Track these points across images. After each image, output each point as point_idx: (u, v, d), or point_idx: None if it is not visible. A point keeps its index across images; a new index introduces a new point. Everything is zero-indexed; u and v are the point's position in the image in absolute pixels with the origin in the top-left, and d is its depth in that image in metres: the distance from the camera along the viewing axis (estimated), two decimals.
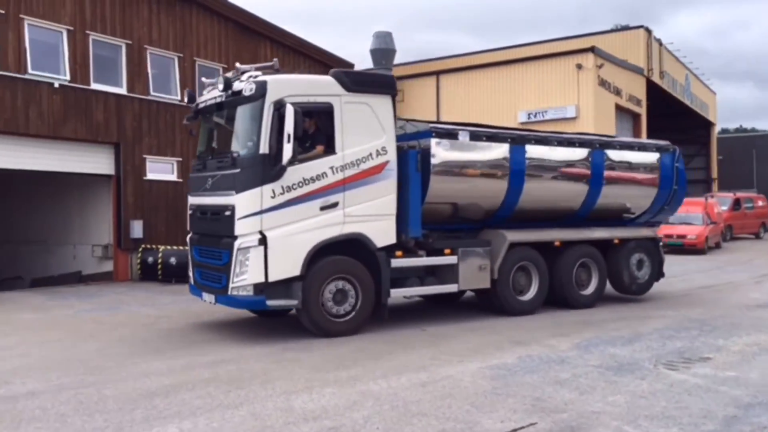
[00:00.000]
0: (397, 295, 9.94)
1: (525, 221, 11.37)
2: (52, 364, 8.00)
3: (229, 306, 9.30)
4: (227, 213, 8.91)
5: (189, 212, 10.25)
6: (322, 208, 9.08)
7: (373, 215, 9.45)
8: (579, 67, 30.61)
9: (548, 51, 33.44)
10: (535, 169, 11.07)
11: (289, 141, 8.57)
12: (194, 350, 8.60)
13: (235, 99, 9.08)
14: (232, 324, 10.45)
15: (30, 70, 16.03)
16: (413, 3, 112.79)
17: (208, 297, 9.46)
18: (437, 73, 35.41)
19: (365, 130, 9.41)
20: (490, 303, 10.87)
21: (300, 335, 9.27)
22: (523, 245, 10.97)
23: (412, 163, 9.80)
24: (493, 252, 10.61)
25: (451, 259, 10.25)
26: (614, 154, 12.12)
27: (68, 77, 16.93)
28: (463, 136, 10.41)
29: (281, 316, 10.35)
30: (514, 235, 10.86)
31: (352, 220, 9.27)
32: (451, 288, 10.36)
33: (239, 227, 8.73)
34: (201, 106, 9.91)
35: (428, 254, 10.02)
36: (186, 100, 9.97)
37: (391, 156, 9.64)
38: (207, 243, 9.55)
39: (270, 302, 8.81)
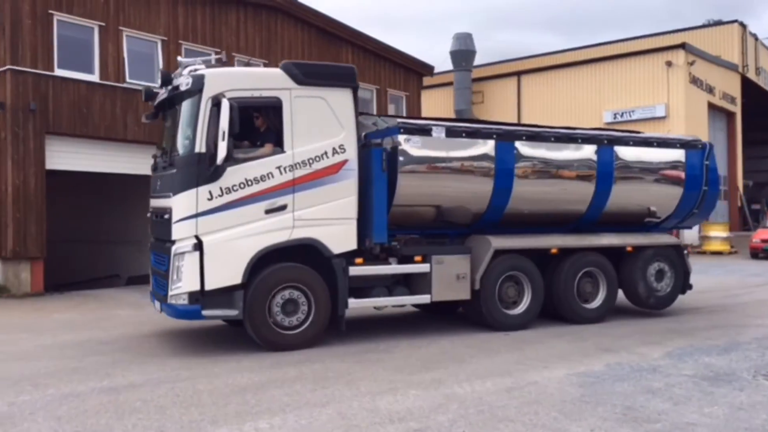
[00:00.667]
0: (357, 306, 9.11)
1: (522, 226, 10.33)
2: (148, 358, 8.25)
3: (169, 315, 8.66)
4: (166, 216, 8.45)
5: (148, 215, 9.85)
6: (268, 212, 8.38)
7: (329, 219, 8.68)
8: (669, 64, 29.36)
9: (635, 48, 32.32)
10: (528, 168, 10.00)
11: (223, 139, 7.98)
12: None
13: (177, 95, 8.61)
14: None
15: (128, 79, 16.91)
16: (492, 3, 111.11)
17: (157, 304, 8.98)
18: (518, 74, 34.72)
19: (320, 126, 8.66)
20: (474, 316, 9.94)
21: (381, 336, 9.28)
22: (512, 253, 9.93)
23: (377, 163, 8.93)
24: (475, 260, 9.64)
25: (423, 267, 9.30)
26: (627, 152, 10.79)
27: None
28: (438, 132, 9.43)
29: None
30: (500, 242, 9.83)
31: (303, 224, 8.54)
32: (423, 299, 9.43)
33: (176, 231, 8.22)
34: (156, 102, 9.45)
35: (398, 262, 9.22)
36: (160, 83, 9.21)
37: (351, 155, 8.83)
38: (157, 248, 9.15)
39: (206, 312, 8.19)
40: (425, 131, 9.39)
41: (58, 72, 15.87)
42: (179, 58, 9.17)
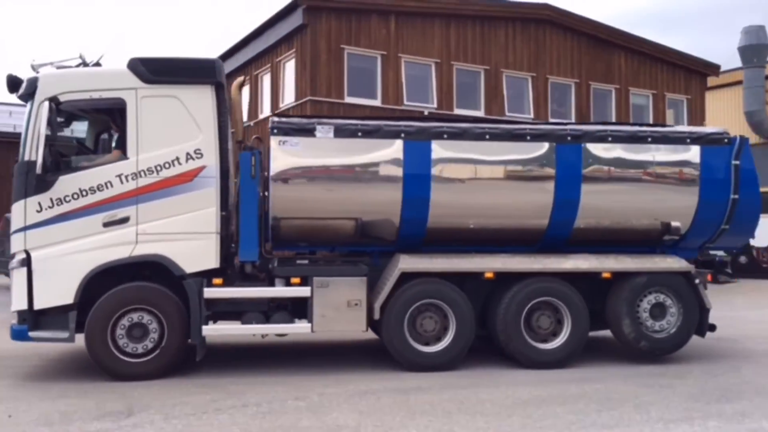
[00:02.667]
0: (213, 333, 7.88)
1: (471, 244, 8.39)
2: None
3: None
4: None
5: None
6: (107, 224, 7.44)
7: (181, 233, 7.53)
8: None
9: None
10: (452, 173, 8.03)
11: (44, 145, 7.19)
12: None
13: (22, 99, 7.82)
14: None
15: (405, 102, 18.68)
16: None
17: None
18: None
19: (172, 129, 7.57)
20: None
21: (671, 361, 8.47)
22: (428, 276, 8.01)
23: (245, 169, 7.75)
24: (377, 284, 7.98)
25: (302, 291, 7.78)
26: (603, 150, 8.28)
27: (435, 105, 19.40)
28: (324, 132, 7.83)
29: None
30: (410, 262, 7.96)
31: (148, 238, 7.48)
32: (302, 329, 7.85)
33: (12, 245, 7.55)
34: None
35: (285, 284, 7.82)
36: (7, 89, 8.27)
37: (209, 160, 7.63)
38: None
39: (33, 334, 7.37)
40: (307, 131, 7.86)
41: (348, 99, 17.97)
42: (32, 61, 8.21)
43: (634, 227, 8.60)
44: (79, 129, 8.76)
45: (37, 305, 7.40)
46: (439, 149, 8.03)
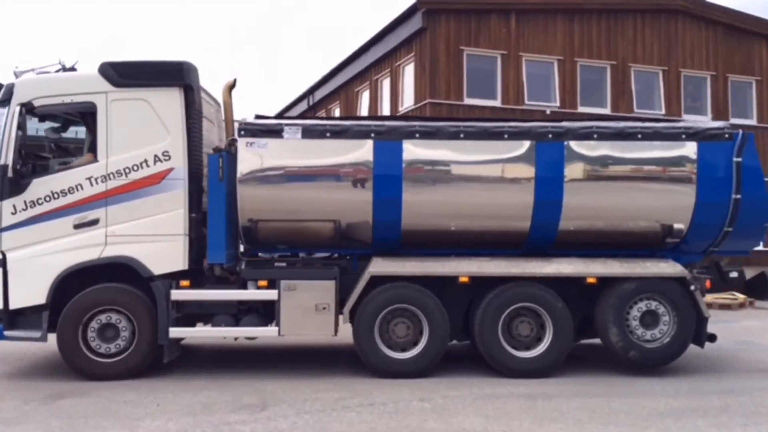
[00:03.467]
0: (180, 335, 7.87)
1: (453, 247, 8.10)
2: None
3: None
4: None
5: None
6: (77, 226, 7.54)
7: (149, 235, 7.58)
8: None
9: None
10: (424, 173, 7.72)
11: (12, 149, 7.36)
12: (700, 375, 8.01)
13: (0, 105, 7.91)
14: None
15: (526, 101, 18.40)
16: None
17: None
18: None
19: (141, 132, 7.61)
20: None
21: None
22: (400, 280, 7.73)
23: (213, 171, 7.72)
24: (345, 287, 7.76)
25: (269, 294, 7.68)
26: (587, 148, 7.80)
27: (558, 104, 19.02)
28: (291, 133, 7.67)
29: None
30: (381, 266, 7.72)
31: (117, 240, 7.55)
32: (269, 332, 7.73)
33: None
34: None
35: (257, 287, 7.75)
36: None
37: (177, 162, 7.63)
38: None
39: (8, 333, 7.54)
40: (274, 132, 7.71)
41: (467, 101, 17.90)
42: (14, 69, 8.40)
43: (629, 230, 8.06)
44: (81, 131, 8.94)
45: (12, 305, 7.55)
46: (411, 149, 7.74)
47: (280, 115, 27.71)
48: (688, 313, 7.83)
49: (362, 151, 7.73)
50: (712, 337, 8.11)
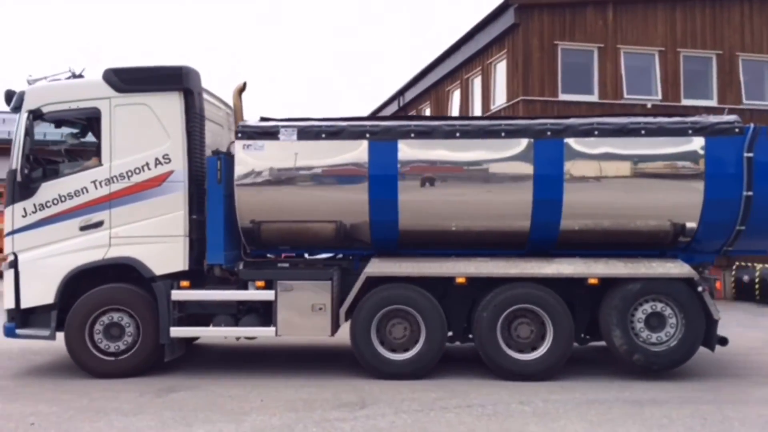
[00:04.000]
0: (181, 335, 7.93)
1: (454, 247, 8.02)
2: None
3: None
4: None
5: None
6: (83, 228, 7.79)
7: (151, 236, 7.76)
8: None
9: None
10: (420, 173, 7.64)
11: (21, 154, 7.71)
12: None
13: (13, 111, 8.24)
14: None
15: (625, 95, 17.81)
16: None
17: None
18: None
19: (143, 135, 7.79)
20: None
21: None
22: (397, 281, 7.69)
23: (211, 174, 7.81)
24: (343, 289, 7.78)
25: (266, 295, 7.73)
26: (589, 145, 7.57)
27: (660, 96, 18.23)
28: (287, 135, 7.72)
29: None
30: (378, 266, 7.69)
31: (121, 242, 7.76)
32: (266, 332, 7.79)
33: (5, 247, 8.06)
34: None
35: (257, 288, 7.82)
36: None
37: (177, 165, 7.78)
38: None
39: (19, 331, 7.84)
40: (271, 134, 7.79)
41: (562, 97, 17.47)
42: (28, 77, 8.74)
43: (636, 229, 7.79)
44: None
45: (23, 304, 7.85)
46: (406, 149, 7.68)
47: (373, 115, 27.85)
48: (696, 315, 7.52)
49: (358, 151, 7.71)
50: (723, 341, 7.76)
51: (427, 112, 24.04)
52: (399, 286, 7.74)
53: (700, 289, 7.45)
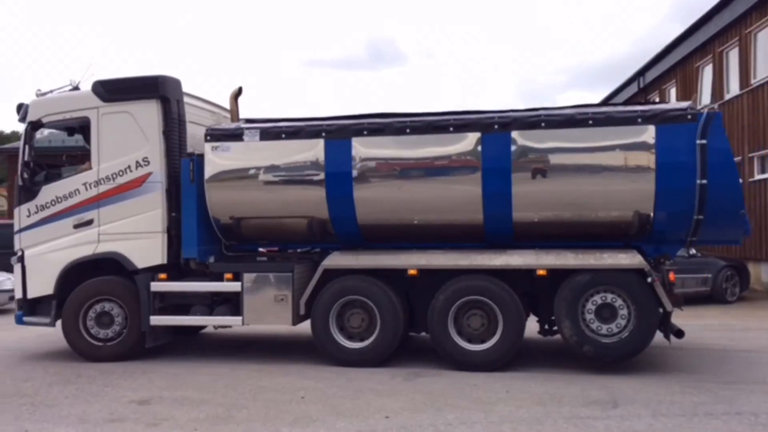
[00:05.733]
0: (159, 323, 8.51)
1: (412, 240, 8.23)
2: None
3: None
4: None
5: None
6: (76, 226, 8.59)
7: (133, 233, 8.46)
8: None
9: None
10: (373, 169, 7.93)
11: (22, 161, 8.66)
12: None
13: (21, 122, 9.15)
14: None
15: None
16: None
17: None
18: None
19: (125, 141, 8.49)
20: None
21: None
22: (355, 273, 7.98)
23: (184, 174, 8.40)
24: (303, 280, 8.15)
25: (233, 286, 8.24)
26: (535, 137, 7.57)
27: None
28: (250, 136, 8.19)
29: None
30: (335, 259, 8.04)
31: (107, 238, 8.52)
32: (234, 321, 8.34)
33: (15, 244, 8.98)
34: None
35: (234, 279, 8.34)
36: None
37: (155, 167, 8.43)
38: None
39: (26, 319, 8.78)
40: (236, 136, 8.26)
41: None
42: (36, 91, 9.75)
43: (596, 220, 7.71)
44: None
45: (29, 295, 8.75)
46: (359, 147, 7.95)
47: (607, 101, 27.27)
48: (648, 306, 7.38)
49: (315, 150, 8.06)
50: (680, 332, 7.61)
51: (672, 93, 22.53)
52: (355, 278, 8.04)
53: (649, 279, 7.33)
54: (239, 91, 9.37)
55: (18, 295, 8.88)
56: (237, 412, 6.23)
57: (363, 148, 8.01)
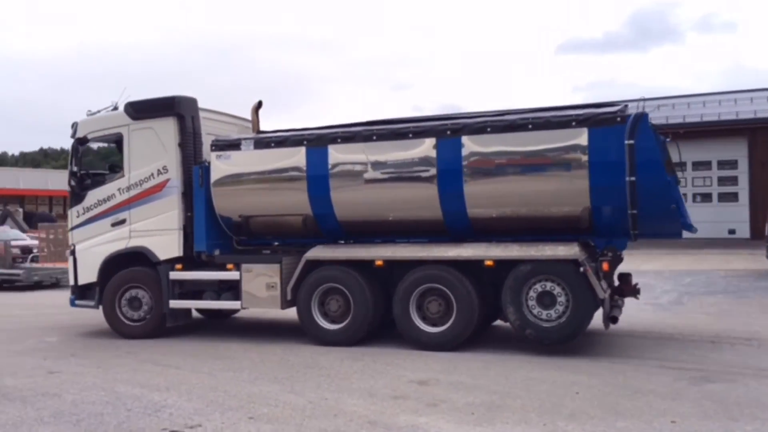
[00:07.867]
0: (177, 306, 9.97)
1: (390, 235, 9.33)
2: None
3: None
4: None
5: None
6: (113, 225, 10.17)
7: (156, 230, 9.93)
8: None
9: None
10: (346, 174, 9.03)
11: (71, 171, 10.34)
12: None
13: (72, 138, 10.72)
14: None
15: None
16: None
17: None
18: None
19: (150, 152, 9.97)
20: None
21: None
22: (334, 264, 9.12)
23: (195, 179, 9.78)
24: (288, 270, 9.31)
25: (233, 275, 9.52)
26: (482, 142, 8.43)
27: None
28: (246, 146, 9.43)
29: None
30: (316, 251, 9.17)
31: (137, 234, 10.04)
32: (234, 305, 9.67)
33: (69, 239, 10.73)
34: None
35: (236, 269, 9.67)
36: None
37: (173, 174, 9.85)
38: None
39: (77, 302, 10.48)
40: (235, 146, 9.58)
41: None
42: (87, 111, 11.15)
43: (547, 215, 8.41)
44: None
45: (80, 282, 10.44)
46: (334, 153, 9.00)
47: None
48: (583, 294, 8.03)
49: (298, 157, 9.20)
50: (614, 319, 8.26)
51: None
52: (333, 268, 9.14)
53: (581, 269, 8.07)
54: (259, 104, 10.77)
55: (71, 282, 10.65)
56: (511, 401, 6.30)
57: (338, 154, 9.11)
